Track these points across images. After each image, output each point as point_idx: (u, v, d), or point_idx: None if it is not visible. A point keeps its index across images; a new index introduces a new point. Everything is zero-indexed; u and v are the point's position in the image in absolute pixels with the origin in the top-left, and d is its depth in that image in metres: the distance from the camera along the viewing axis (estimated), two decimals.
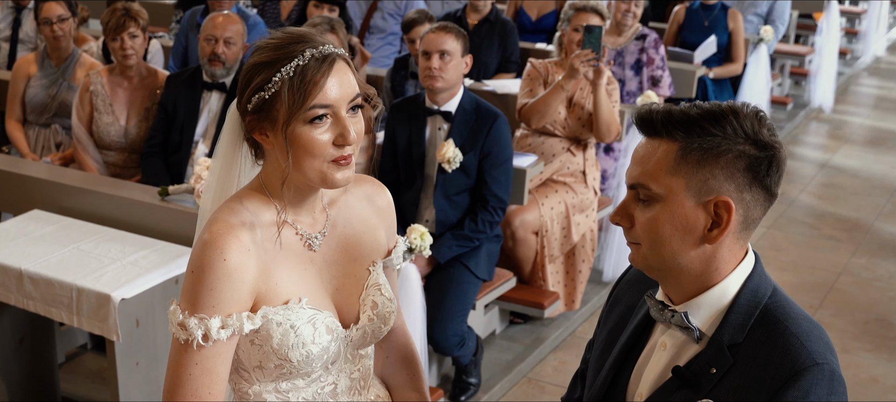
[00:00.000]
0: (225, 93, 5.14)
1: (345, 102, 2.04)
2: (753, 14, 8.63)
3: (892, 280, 6.42)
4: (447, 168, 4.62)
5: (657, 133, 1.95)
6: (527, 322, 5.57)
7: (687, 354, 1.99)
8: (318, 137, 2.01)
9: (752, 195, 1.92)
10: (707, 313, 1.98)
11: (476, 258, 4.69)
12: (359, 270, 2.25)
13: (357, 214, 2.28)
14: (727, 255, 1.96)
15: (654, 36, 6.60)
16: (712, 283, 1.97)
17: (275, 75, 1.99)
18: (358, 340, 2.23)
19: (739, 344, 1.93)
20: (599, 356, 2.22)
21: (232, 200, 2.13)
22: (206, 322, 2.00)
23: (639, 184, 1.95)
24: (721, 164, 1.89)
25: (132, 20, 5.16)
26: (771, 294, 1.98)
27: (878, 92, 11.92)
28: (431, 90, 4.66)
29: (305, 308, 2.11)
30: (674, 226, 1.93)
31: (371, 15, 7.47)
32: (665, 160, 1.92)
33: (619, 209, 2.00)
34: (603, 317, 2.31)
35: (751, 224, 1.96)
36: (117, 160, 5.33)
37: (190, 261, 2.05)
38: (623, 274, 2.32)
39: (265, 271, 2.08)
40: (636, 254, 2.01)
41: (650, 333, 2.11)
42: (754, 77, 8.20)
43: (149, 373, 3.90)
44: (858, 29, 13.40)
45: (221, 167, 2.20)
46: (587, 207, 5.53)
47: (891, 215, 7.63)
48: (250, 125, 2.06)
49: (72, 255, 3.97)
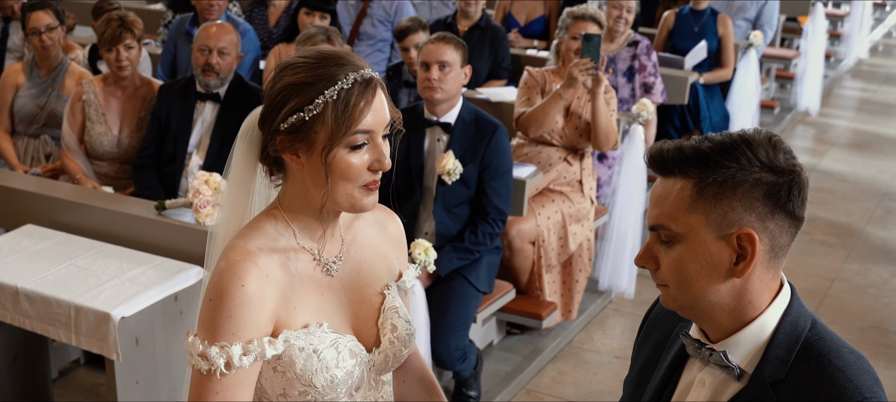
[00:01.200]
0: (219, 104, 5.07)
1: (382, 127, 2.02)
2: (742, 19, 8.61)
3: (886, 286, 6.42)
4: (447, 180, 4.57)
5: (670, 172, 1.90)
6: (524, 333, 5.53)
7: (727, 392, 1.94)
8: (356, 162, 2.00)
9: (775, 223, 1.87)
10: (746, 350, 1.93)
11: (477, 271, 4.64)
12: (372, 295, 2.22)
13: (369, 240, 2.25)
14: (759, 286, 1.91)
15: (647, 42, 6.58)
16: (749, 318, 1.92)
17: (318, 97, 1.96)
18: (380, 364, 2.19)
19: (782, 381, 1.88)
20: (633, 393, 2.18)
21: (249, 226, 2.10)
22: (227, 350, 1.97)
23: (659, 225, 1.91)
24: (738, 195, 1.84)
25: (128, 31, 5.09)
26: (811, 327, 1.93)
27: (862, 94, 11.95)
28: (431, 101, 4.61)
29: (327, 332, 2.08)
30: (699, 264, 1.88)
31: (360, 21, 7.41)
32: (682, 199, 1.88)
33: (644, 252, 1.96)
34: (635, 352, 2.26)
35: (779, 252, 1.91)
36: (109, 171, 5.26)
37: (207, 289, 2.02)
38: (651, 308, 2.27)
39: (284, 297, 2.05)
40: (666, 295, 1.96)
41: (683, 367, 2.07)
42: (744, 82, 8.18)
43: (148, 392, 3.84)
44: (841, 31, 13.43)
45: (234, 189, 2.17)
46: (584, 216, 5.50)
47: (881, 220, 7.63)
48: (281, 145, 2.02)
49: (68, 272, 3.90)
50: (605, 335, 5.64)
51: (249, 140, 2.10)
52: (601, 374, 5.20)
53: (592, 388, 5.06)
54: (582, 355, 5.41)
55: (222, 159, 4.89)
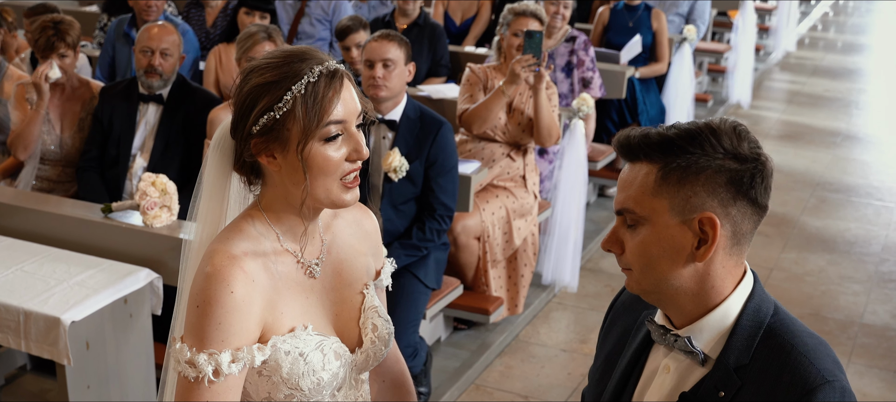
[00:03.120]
0: (162, 105, 5.04)
1: (354, 116, 2.02)
2: (675, 14, 8.73)
3: (823, 274, 6.54)
4: (393, 177, 4.59)
5: (636, 157, 1.95)
6: (471, 328, 5.56)
7: (692, 377, 1.98)
8: (333, 154, 1.99)
9: (737, 209, 1.91)
10: (710, 336, 1.96)
11: (425, 267, 4.66)
12: (353, 295, 2.22)
13: (346, 239, 2.24)
14: (722, 272, 1.95)
15: (584, 38, 6.63)
16: (712, 303, 1.96)
17: (285, 94, 1.95)
18: (361, 364, 2.20)
19: (746, 366, 1.91)
20: (599, 382, 2.20)
21: (229, 229, 2.08)
22: (216, 358, 1.94)
23: (625, 209, 1.95)
24: (701, 181, 1.88)
25: (61, 41, 5.02)
26: (773, 313, 1.97)
27: (791, 86, 12.16)
28: (376, 99, 4.62)
29: (312, 335, 2.07)
30: (661, 247, 1.92)
31: (299, 20, 7.40)
32: (646, 183, 1.92)
33: (610, 236, 1.99)
34: (600, 342, 2.29)
35: (742, 239, 1.95)
36: (51, 175, 5.20)
37: (192, 296, 1.99)
38: (616, 297, 2.31)
39: (270, 301, 2.04)
40: (630, 279, 2.00)
41: (648, 355, 2.10)
42: (679, 76, 8.28)
43: (100, 396, 3.81)
44: (770, 25, 13.65)
45: (208, 201, 2.14)
46: (527, 211, 5.54)
47: (815, 209, 7.78)
48: (256, 148, 2.00)
49: (15, 277, 3.86)
50: (551, 329, 5.69)
51: (222, 150, 2.08)
52: (549, 367, 5.25)
53: (540, 382, 5.10)
54: (529, 349, 5.45)
55: (166, 161, 4.90)
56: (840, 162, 9.12)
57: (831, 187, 8.35)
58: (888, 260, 6.80)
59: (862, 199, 8.10)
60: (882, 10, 19.32)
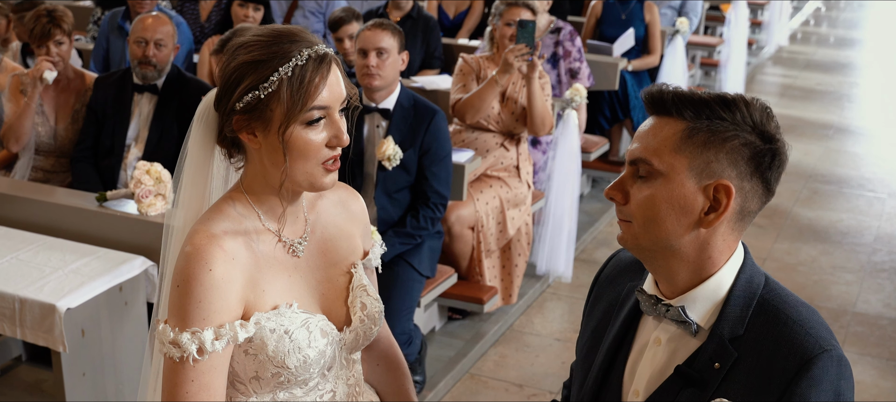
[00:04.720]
0: (157, 95, 5.04)
1: (338, 103, 2.01)
2: (667, 7, 8.74)
3: (815, 264, 6.57)
4: (387, 166, 4.60)
5: (667, 111, 1.93)
6: (465, 318, 5.58)
7: (685, 349, 1.97)
8: (314, 138, 1.98)
9: (751, 185, 1.91)
10: (703, 307, 1.96)
11: (419, 255, 4.67)
12: (339, 274, 2.22)
13: (332, 219, 2.24)
14: (721, 244, 1.95)
15: (570, 28, 6.62)
16: (706, 274, 1.96)
17: (272, 74, 1.94)
18: (351, 343, 2.20)
19: (741, 337, 1.92)
20: (586, 357, 2.19)
21: (212, 210, 2.08)
22: (199, 336, 1.95)
23: (641, 159, 1.93)
24: (726, 149, 1.88)
25: (57, 27, 5.03)
26: (765, 283, 1.98)
27: (784, 80, 12.19)
28: (369, 88, 4.64)
29: (297, 313, 2.07)
30: (671, 205, 1.91)
31: (292, 13, 7.41)
32: (671, 138, 1.91)
33: (616, 184, 1.97)
34: (584, 318, 2.28)
35: (746, 216, 1.95)
36: (46, 165, 5.20)
37: (174, 276, 1.99)
38: (600, 271, 2.29)
39: (252, 279, 2.04)
40: (626, 232, 1.97)
41: (638, 327, 2.09)
42: (671, 69, 8.29)
43: (95, 383, 3.81)
44: (762, 19, 13.67)
45: (193, 173, 2.14)
46: (521, 201, 5.55)
47: (808, 201, 7.80)
48: (238, 125, 2.00)
49: (10, 265, 3.86)
50: (545, 319, 5.70)
51: (205, 122, 2.08)
52: (543, 356, 5.26)
53: (535, 371, 5.12)
54: (523, 338, 5.47)
55: (161, 151, 4.90)
56: (832, 154, 9.15)
57: (824, 179, 8.38)
58: (880, 250, 6.83)
59: (854, 190, 8.13)
60: (874, 5, 19.38)
